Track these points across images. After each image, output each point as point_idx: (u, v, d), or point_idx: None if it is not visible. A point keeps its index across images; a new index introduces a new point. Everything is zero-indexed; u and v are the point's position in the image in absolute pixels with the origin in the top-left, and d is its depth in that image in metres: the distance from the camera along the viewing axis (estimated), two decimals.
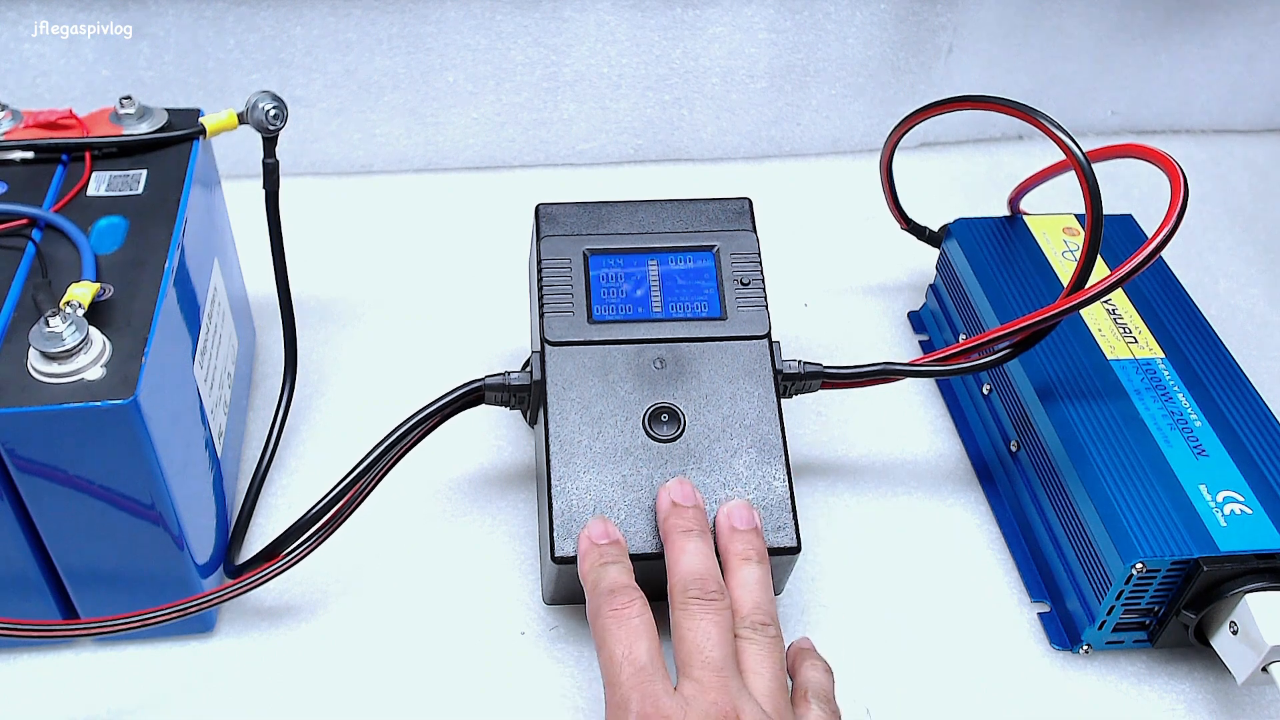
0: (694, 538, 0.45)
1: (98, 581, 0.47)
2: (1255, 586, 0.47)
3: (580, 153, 0.82)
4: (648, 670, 0.41)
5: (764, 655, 0.43)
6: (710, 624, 0.43)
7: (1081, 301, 0.51)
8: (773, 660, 0.43)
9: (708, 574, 0.44)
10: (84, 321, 0.41)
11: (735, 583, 0.45)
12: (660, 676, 0.41)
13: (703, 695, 0.40)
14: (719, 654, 0.42)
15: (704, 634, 0.42)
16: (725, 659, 0.42)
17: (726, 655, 0.42)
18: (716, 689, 0.41)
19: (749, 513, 0.47)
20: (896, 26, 0.79)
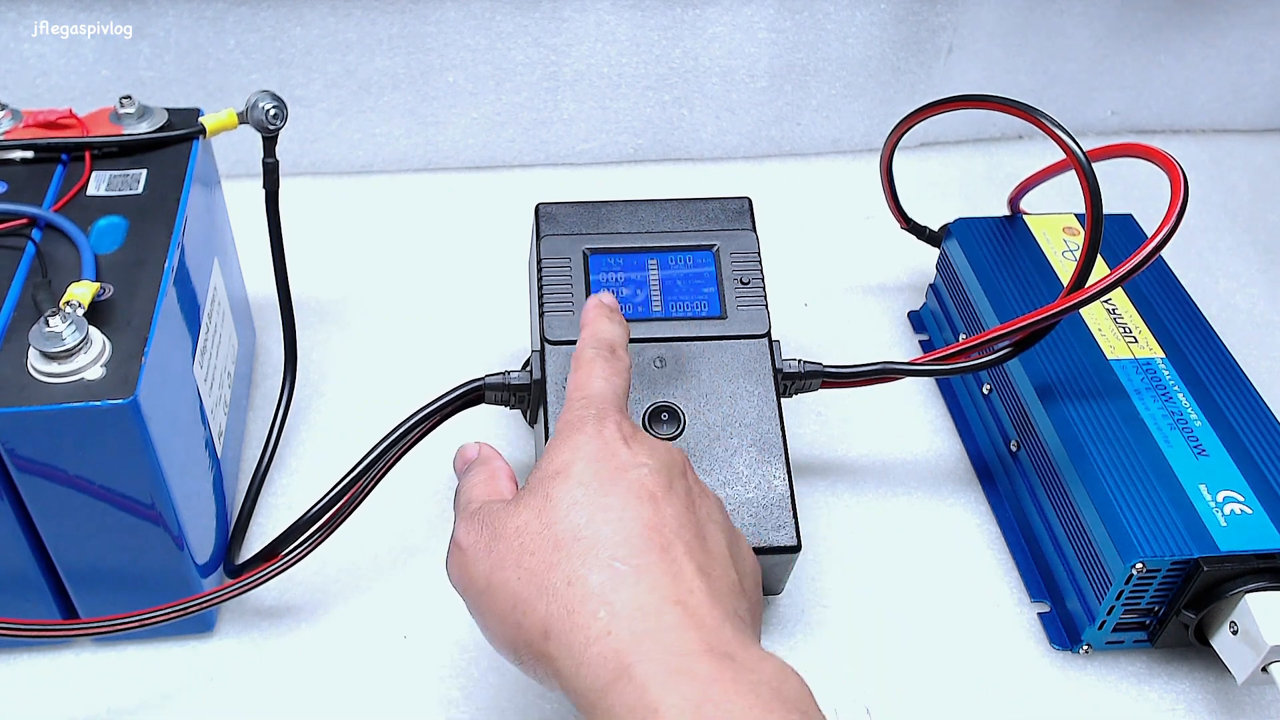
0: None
1: (98, 581, 0.47)
2: (1255, 586, 0.47)
3: (580, 153, 0.82)
4: (624, 406, 0.42)
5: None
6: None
7: (1081, 301, 0.51)
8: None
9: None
10: (84, 321, 0.41)
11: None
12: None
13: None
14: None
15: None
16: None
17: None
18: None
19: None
20: (896, 26, 0.79)
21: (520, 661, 0.37)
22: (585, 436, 0.40)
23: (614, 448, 0.39)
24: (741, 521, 0.48)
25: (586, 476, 0.38)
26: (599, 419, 0.40)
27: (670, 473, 0.39)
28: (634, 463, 0.39)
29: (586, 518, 0.37)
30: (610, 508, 0.37)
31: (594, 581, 0.35)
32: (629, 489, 0.38)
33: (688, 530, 0.38)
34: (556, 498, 0.38)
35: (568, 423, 0.41)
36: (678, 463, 0.41)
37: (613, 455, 0.39)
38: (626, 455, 0.39)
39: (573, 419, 0.41)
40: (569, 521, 0.37)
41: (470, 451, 0.45)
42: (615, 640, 0.34)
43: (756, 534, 0.48)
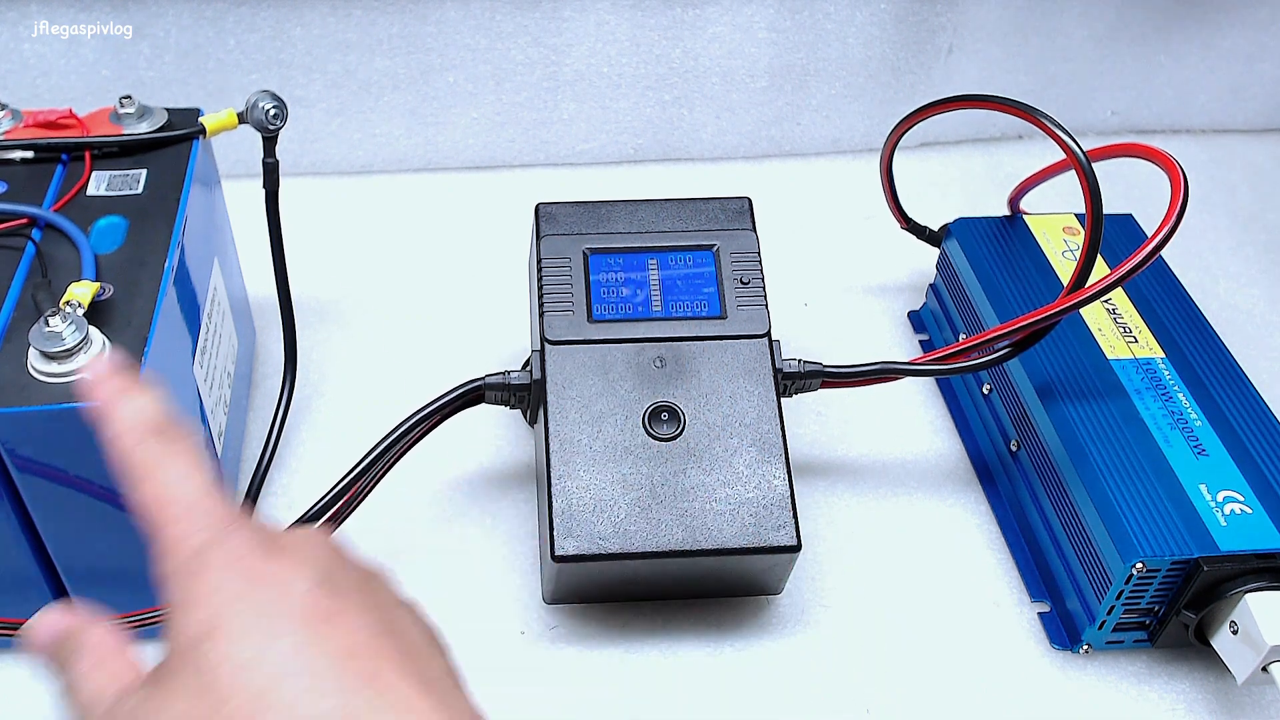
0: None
1: (98, 581, 0.47)
2: (1255, 586, 0.47)
3: (580, 153, 0.82)
4: (218, 497, 0.33)
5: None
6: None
7: (1081, 301, 0.51)
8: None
9: None
10: (84, 321, 0.41)
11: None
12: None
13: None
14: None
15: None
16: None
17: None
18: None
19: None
20: (896, 26, 0.79)
21: None
22: (216, 572, 0.30)
23: (257, 570, 0.30)
24: (741, 521, 0.48)
25: (245, 623, 0.29)
26: (218, 536, 0.31)
27: (332, 569, 0.32)
28: (291, 577, 0.30)
29: (266, 678, 0.28)
30: (289, 653, 0.29)
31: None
32: (300, 619, 0.29)
33: (384, 638, 0.30)
34: (215, 666, 0.28)
35: (183, 561, 0.31)
36: (332, 551, 0.33)
37: (259, 579, 0.30)
38: (275, 570, 0.30)
39: (186, 555, 0.31)
40: (246, 691, 0.28)
41: (44, 632, 0.33)
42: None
43: (756, 534, 0.48)
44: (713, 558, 0.48)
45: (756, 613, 0.53)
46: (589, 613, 0.53)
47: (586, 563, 0.47)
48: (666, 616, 0.52)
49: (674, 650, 0.51)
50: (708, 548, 0.47)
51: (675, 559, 0.47)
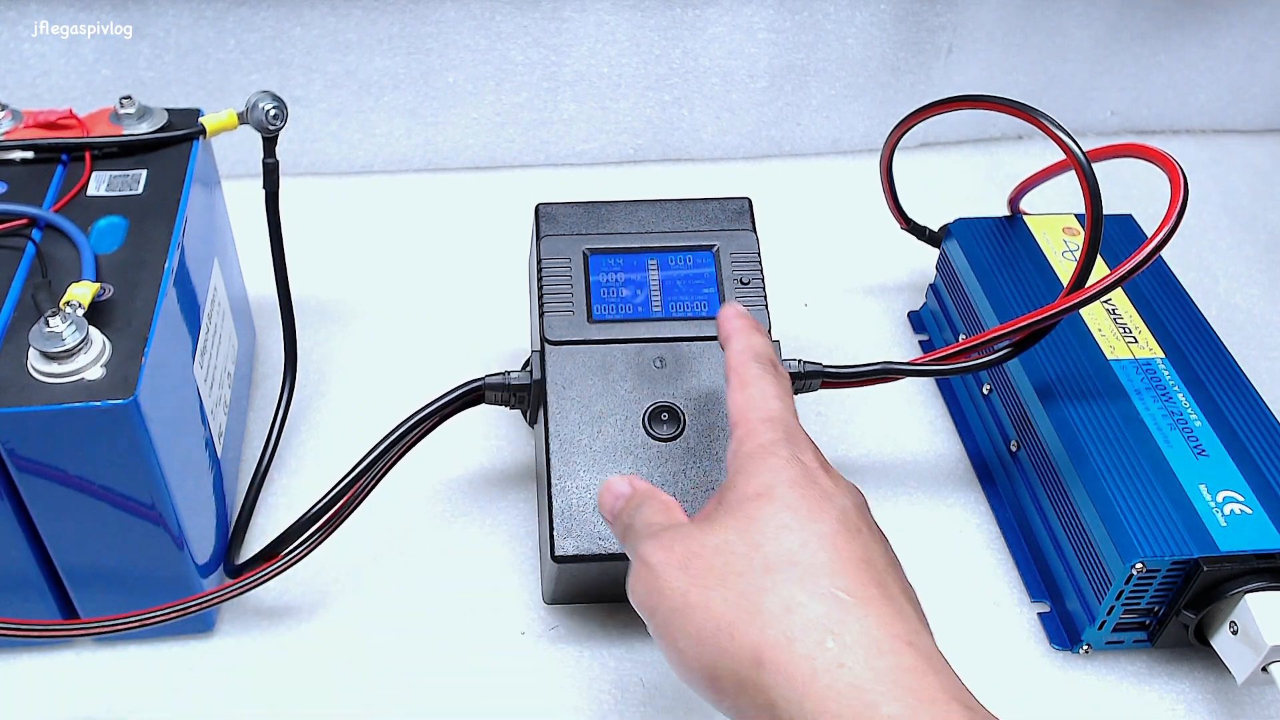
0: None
1: (98, 581, 0.47)
2: (1255, 586, 0.47)
3: (580, 153, 0.82)
4: (800, 426, 0.40)
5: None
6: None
7: (1081, 301, 0.51)
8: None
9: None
10: (84, 321, 0.41)
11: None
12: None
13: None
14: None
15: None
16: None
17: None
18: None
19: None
20: (896, 26, 0.79)
21: (717, 689, 0.35)
22: (781, 460, 0.37)
23: (814, 475, 0.37)
24: None
25: (793, 500, 0.36)
26: (790, 443, 0.38)
27: (863, 509, 0.38)
28: (837, 493, 0.37)
29: (799, 542, 0.35)
30: (823, 535, 0.35)
31: (816, 610, 0.33)
32: (838, 519, 0.36)
33: (894, 568, 0.36)
34: (763, 519, 0.36)
35: (759, 445, 0.38)
36: (864, 504, 0.39)
37: (814, 483, 0.37)
38: (828, 484, 0.37)
39: (763, 442, 0.38)
40: (780, 544, 0.35)
41: (621, 486, 0.42)
42: (850, 674, 0.32)
43: None
44: None
45: None
46: (589, 613, 0.53)
47: (586, 563, 0.47)
48: None
49: None
50: None
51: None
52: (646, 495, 0.41)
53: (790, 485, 0.37)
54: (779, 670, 0.33)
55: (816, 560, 0.34)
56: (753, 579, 0.34)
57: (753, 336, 0.43)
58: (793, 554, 0.35)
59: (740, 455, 0.39)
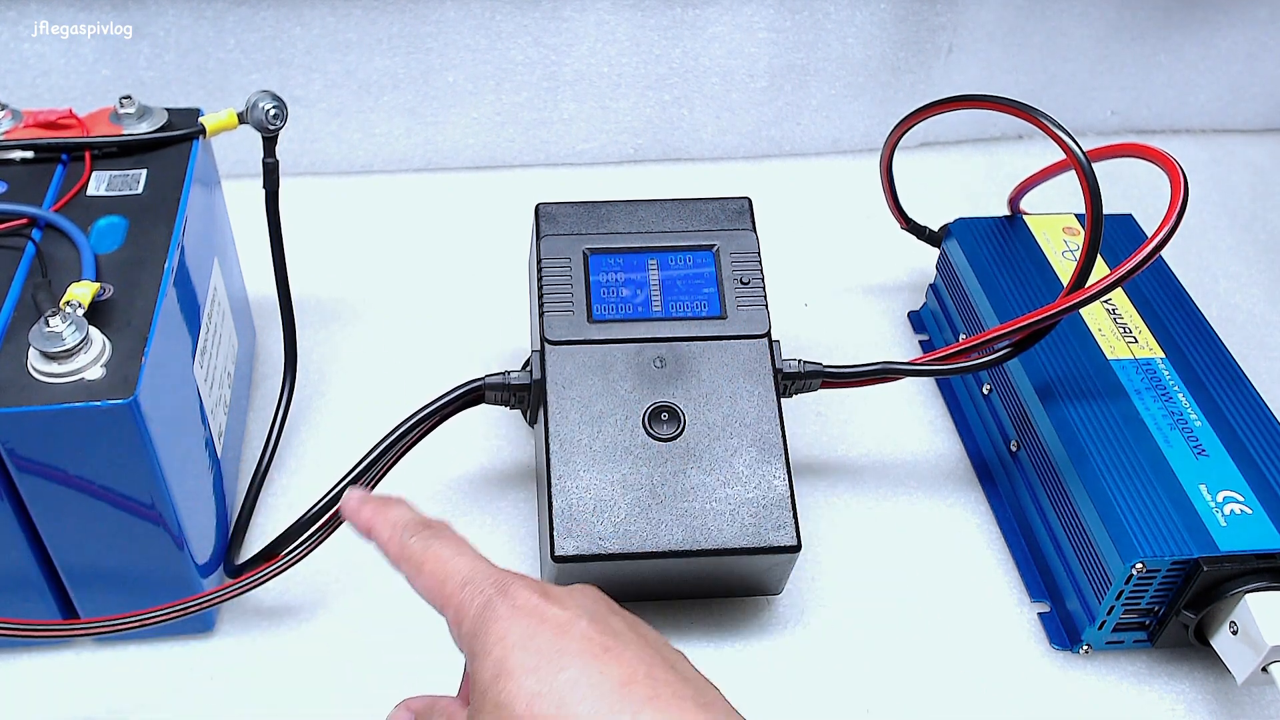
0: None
1: (98, 581, 0.47)
2: (1255, 586, 0.47)
3: (580, 153, 0.82)
4: (492, 565, 0.37)
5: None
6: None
7: (1081, 301, 0.51)
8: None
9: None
10: (84, 321, 0.41)
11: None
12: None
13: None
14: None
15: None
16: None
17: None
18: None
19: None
20: (896, 26, 0.79)
21: None
22: (503, 621, 0.34)
23: (539, 613, 0.34)
24: (741, 521, 0.48)
25: (530, 662, 0.33)
26: (501, 592, 0.35)
27: (602, 613, 0.35)
28: (569, 618, 0.34)
29: (555, 706, 0.32)
30: (573, 682, 0.32)
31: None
32: (580, 652, 0.33)
33: (658, 668, 0.33)
34: (511, 700, 0.32)
35: (473, 618, 0.35)
36: (600, 599, 0.36)
37: (543, 623, 0.34)
38: (556, 614, 0.34)
39: (475, 611, 0.35)
40: (539, 716, 0.32)
41: (401, 716, 0.41)
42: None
43: (756, 534, 0.48)
44: (713, 558, 0.48)
45: (756, 613, 0.53)
46: None
47: (586, 563, 0.47)
48: (666, 617, 0.52)
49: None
50: (708, 548, 0.47)
51: (675, 559, 0.47)
52: (427, 713, 0.39)
53: (520, 647, 0.33)
54: None
55: (578, 714, 0.32)
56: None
57: (387, 512, 0.39)
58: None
59: (463, 638, 0.35)
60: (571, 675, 0.32)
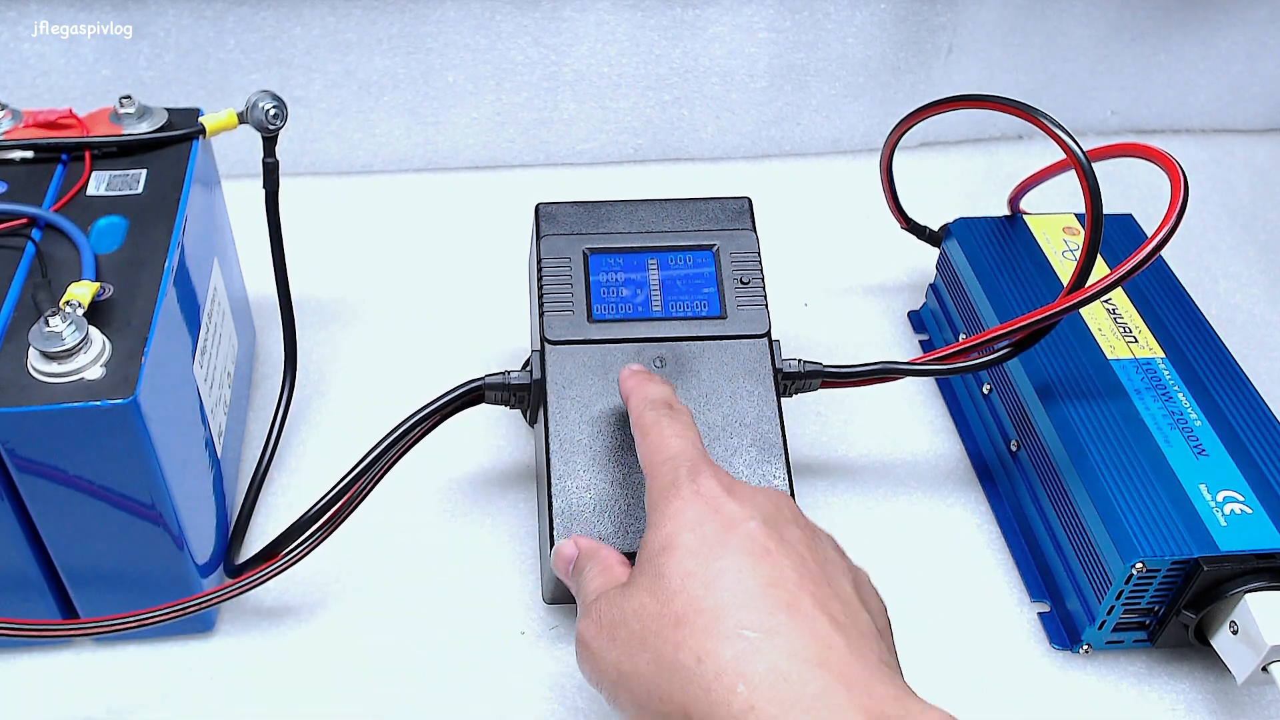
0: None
1: (98, 581, 0.47)
2: (1255, 586, 0.47)
3: (580, 153, 0.82)
4: (709, 457, 0.41)
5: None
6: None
7: (1081, 300, 0.51)
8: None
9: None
10: (84, 321, 0.41)
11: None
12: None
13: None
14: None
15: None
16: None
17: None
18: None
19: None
20: (896, 26, 0.79)
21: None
22: (683, 501, 0.38)
23: (716, 504, 0.37)
24: None
25: (694, 544, 0.36)
26: (691, 477, 0.39)
27: (778, 520, 0.38)
28: (741, 516, 0.37)
29: (703, 587, 0.35)
30: (725, 572, 0.35)
31: (726, 655, 0.33)
32: (740, 548, 0.36)
33: (810, 580, 0.35)
34: (668, 573, 0.36)
35: (660, 490, 0.39)
36: (784, 507, 0.39)
37: (716, 513, 0.37)
38: (731, 509, 0.37)
39: (664, 485, 0.39)
40: (686, 595, 0.35)
41: (569, 550, 0.43)
42: (761, 715, 0.32)
43: None
44: None
45: None
46: None
47: None
48: None
49: None
50: None
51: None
52: (589, 556, 0.42)
53: (691, 529, 0.37)
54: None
55: (721, 601, 0.34)
56: (667, 637, 0.35)
57: (646, 387, 0.44)
58: (698, 602, 0.35)
59: (649, 505, 0.39)
60: (725, 565, 0.35)
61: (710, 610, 0.34)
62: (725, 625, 0.34)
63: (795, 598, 0.34)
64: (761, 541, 0.36)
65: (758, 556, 0.36)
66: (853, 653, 0.33)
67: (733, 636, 0.34)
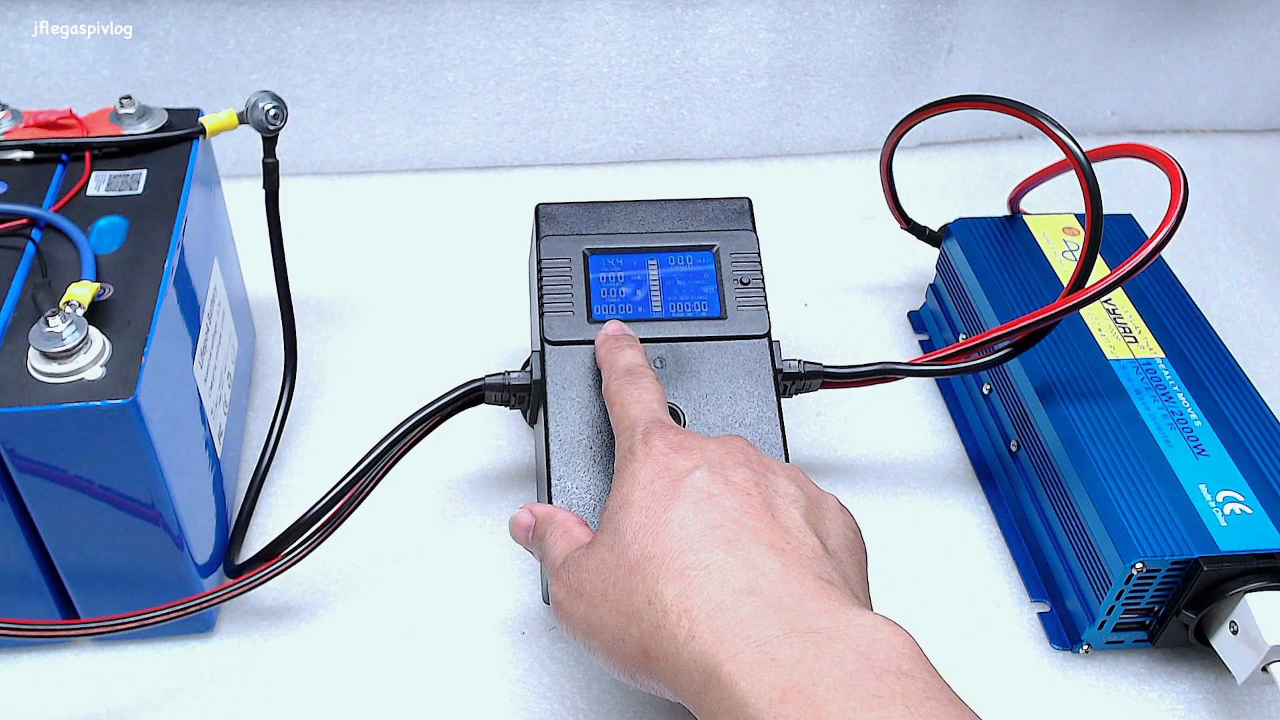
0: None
1: (98, 581, 0.47)
2: (1255, 586, 0.47)
3: (580, 153, 0.82)
4: (664, 418, 0.44)
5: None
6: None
7: (1081, 301, 0.51)
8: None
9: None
10: (84, 321, 0.41)
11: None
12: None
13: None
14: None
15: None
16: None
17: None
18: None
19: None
20: (896, 26, 0.79)
21: (640, 686, 0.38)
22: (637, 463, 0.41)
23: (666, 461, 0.40)
24: None
25: (645, 500, 0.39)
26: (644, 439, 0.42)
27: (725, 465, 0.40)
28: (688, 467, 0.40)
29: (652, 538, 0.38)
30: (670, 521, 0.38)
31: (670, 594, 0.36)
32: (686, 496, 0.39)
33: (752, 516, 0.38)
34: (623, 528, 0.39)
35: (621, 456, 0.42)
36: (734, 451, 0.41)
37: (666, 469, 0.40)
38: (679, 463, 0.40)
39: (624, 451, 0.42)
40: (638, 545, 0.38)
41: (525, 518, 0.46)
42: (700, 643, 0.35)
43: None
44: None
45: None
46: None
47: None
48: None
49: None
50: None
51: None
52: (546, 520, 0.44)
53: (643, 486, 0.40)
54: (658, 657, 0.36)
55: (666, 547, 0.37)
56: (624, 585, 0.38)
57: (613, 355, 0.48)
58: (647, 550, 0.38)
59: (615, 471, 0.42)
60: (671, 515, 0.38)
61: (658, 556, 0.37)
62: (670, 568, 0.37)
63: (734, 534, 0.37)
64: (705, 488, 0.39)
65: (700, 502, 0.38)
66: (787, 575, 0.36)
67: (676, 576, 0.36)
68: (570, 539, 0.43)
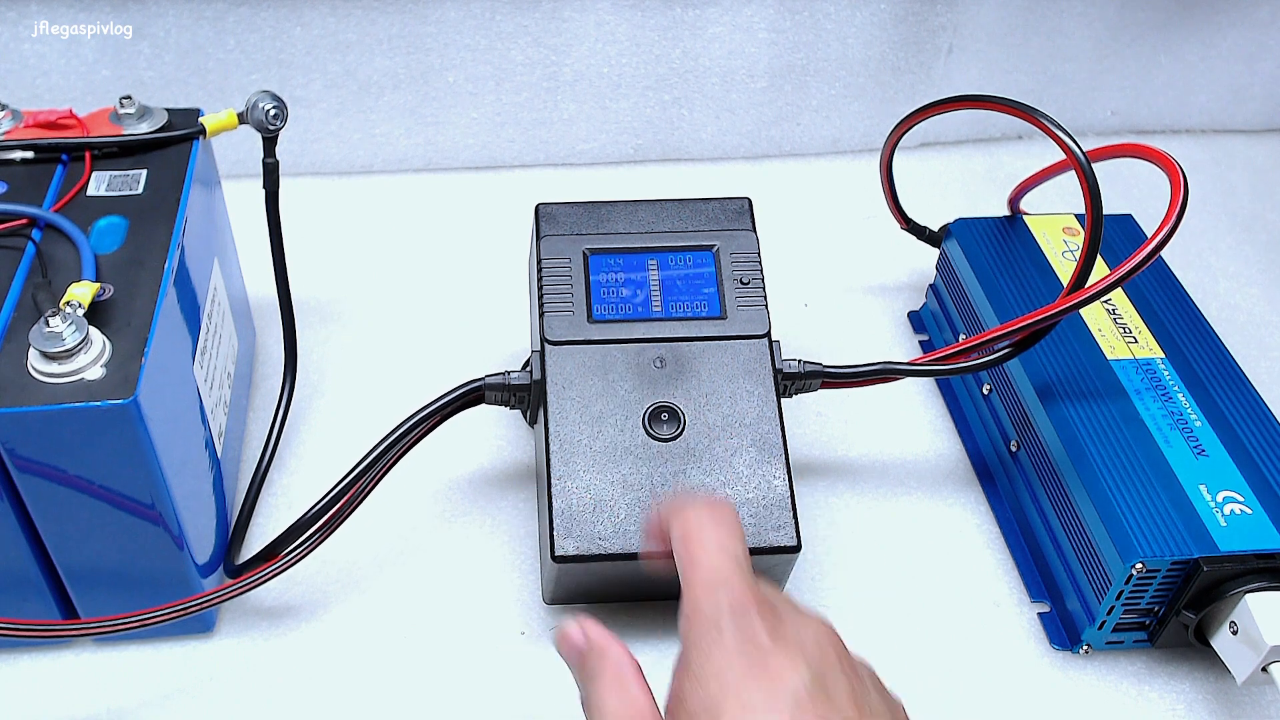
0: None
1: (98, 581, 0.47)
2: (1255, 586, 0.47)
3: (580, 153, 0.82)
4: (746, 574, 0.37)
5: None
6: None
7: (1081, 301, 0.51)
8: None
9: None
10: (84, 321, 0.41)
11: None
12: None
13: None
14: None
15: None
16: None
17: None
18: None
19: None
20: (896, 26, 0.79)
21: None
22: (724, 652, 0.34)
23: (759, 659, 0.34)
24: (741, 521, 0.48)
25: (740, 712, 0.33)
26: (734, 615, 0.35)
27: (824, 670, 0.35)
28: (787, 673, 0.34)
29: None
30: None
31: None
32: (787, 715, 0.33)
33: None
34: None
35: (700, 624, 0.35)
36: (829, 650, 0.36)
37: (761, 672, 0.34)
38: (776, 665, 0.34)
39: (705, 619, 0.35)
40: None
41: (576, 637, 0.38)
42: None
43: (756, 534, 0.48)
44: None
45: None
46: (589, 613, 0.53)
47: (586, 563, 0.47)
48: (667, 616, 0.52)
49: (674, 650, 0.51)
50: None
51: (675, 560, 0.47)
52: (600, 655, 0.38)
53: (735, 694, 0.34)
54: None
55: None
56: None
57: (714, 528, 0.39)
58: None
59: (684, 628, 0.36)
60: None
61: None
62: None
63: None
64: (807, 706, 0.33)
65: (804, 716, 0.33)
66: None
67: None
68: (626, 698, 0.36)
